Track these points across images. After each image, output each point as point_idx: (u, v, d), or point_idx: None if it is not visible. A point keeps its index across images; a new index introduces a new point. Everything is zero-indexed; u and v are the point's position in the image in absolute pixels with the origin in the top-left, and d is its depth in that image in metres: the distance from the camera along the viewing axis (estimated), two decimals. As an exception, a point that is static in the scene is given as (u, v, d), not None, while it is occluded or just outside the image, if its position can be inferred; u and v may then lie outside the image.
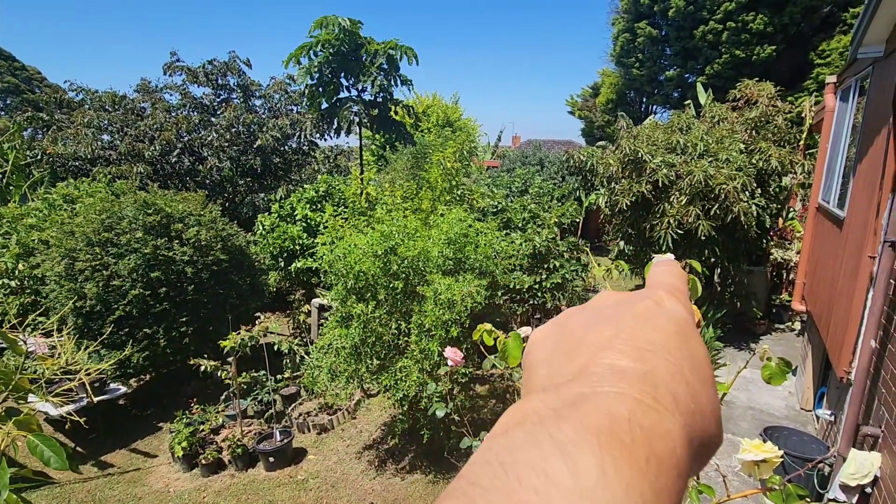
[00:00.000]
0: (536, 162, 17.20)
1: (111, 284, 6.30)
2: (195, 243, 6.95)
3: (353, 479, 5.43)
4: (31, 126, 12.92)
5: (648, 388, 0.24)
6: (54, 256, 6.35)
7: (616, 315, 0.30)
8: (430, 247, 5.10)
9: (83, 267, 6.25)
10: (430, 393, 2.35)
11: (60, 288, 6.25)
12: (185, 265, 6.80)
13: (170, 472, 5.81)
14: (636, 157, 7.66)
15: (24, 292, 6.95)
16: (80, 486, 5.55)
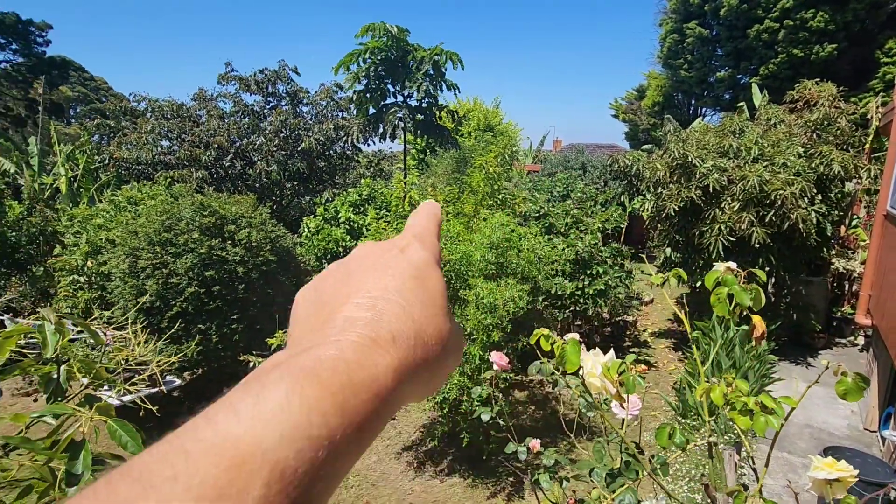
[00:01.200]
0: (578, 166, 16.92)
1: (169, 282, 6.65)
2: (246, 244, 7.24)
3: (393, 479, 5.49)
4: (98, 133, 13.86)
5: (368, 331, 0.29)
6: (119, 255, 6.77)
7: (365, 267, 0.35)
8: (472, 251, 5.10)
9: (145, 265, 6.63)
10: (475, 396, 2.35)
11: (124, 284, 6.65)
12: (237, 265, 7.08)
13: (219, 463, 6.05)
14: (685, 161, 7.41)
15: (92, 288, 7.44)
16: (137, 472, 5.87)
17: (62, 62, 26.50)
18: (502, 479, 5.28)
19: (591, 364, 0.99)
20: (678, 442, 1.04)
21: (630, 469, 1.91)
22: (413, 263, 0.35)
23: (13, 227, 9.44)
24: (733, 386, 1.02)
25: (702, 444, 1.12)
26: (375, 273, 0.34)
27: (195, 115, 12.23)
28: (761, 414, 0.98)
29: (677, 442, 1.04)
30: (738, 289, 1.06)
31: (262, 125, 12.17)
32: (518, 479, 5.26)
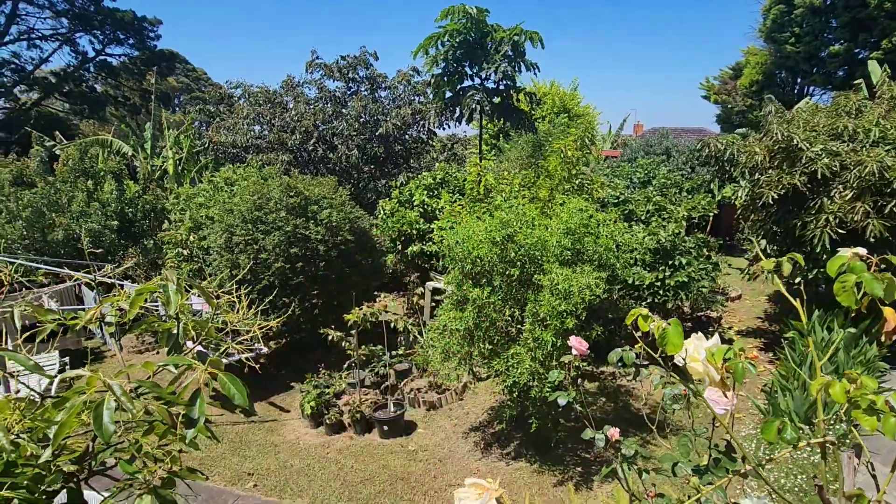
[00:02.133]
0: (662, 151, 15.91)
1: (259, 257, 7.16)
2: (327, 224, 7.60)
3: (460, 458, 5.60)
4: (199, 119, 15.11)
5: None
6: (217, 231, 7.39)
7: None
8: (547, 236, 5.00)
9: (239, 240, 7.19)
10: (551, 380, 2.31)
11: (221, 258, 7.26)
12: (319, 243, 7.47)
13: (300, 426, 6.49)
14: (789, 144, 6.71)
15: (193, 260, 8.19)
16: (230, 429, 6.45)
17: (170, 55, 29.06)
18: (570, 468, 5.21)
19: (693, 348, 0.94)
20: (788, 438, 0.96)
21: (719, 467, 1.81)
22: None
23: (130, 204, 10.60)
24: (858, 383, 0.92)
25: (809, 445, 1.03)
26: None
27: (283, 101, 12.94)
28: (892, 414, 0.88)
29: (787, 438, 0.96)
30: (869, 276, 0.95)
31: (344, 111, 12.63)
32: (586, 470, 5.16)
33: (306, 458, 5.73)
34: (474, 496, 0.54)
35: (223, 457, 5.81)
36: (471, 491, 0.54)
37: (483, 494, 0.54)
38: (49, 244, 10.14)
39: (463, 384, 7.10)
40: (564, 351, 4.59)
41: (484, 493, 0.54)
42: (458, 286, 5.16)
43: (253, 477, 5.43)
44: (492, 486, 0.53)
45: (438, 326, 5.33)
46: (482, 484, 0.54)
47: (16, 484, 1.43)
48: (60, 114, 25.68)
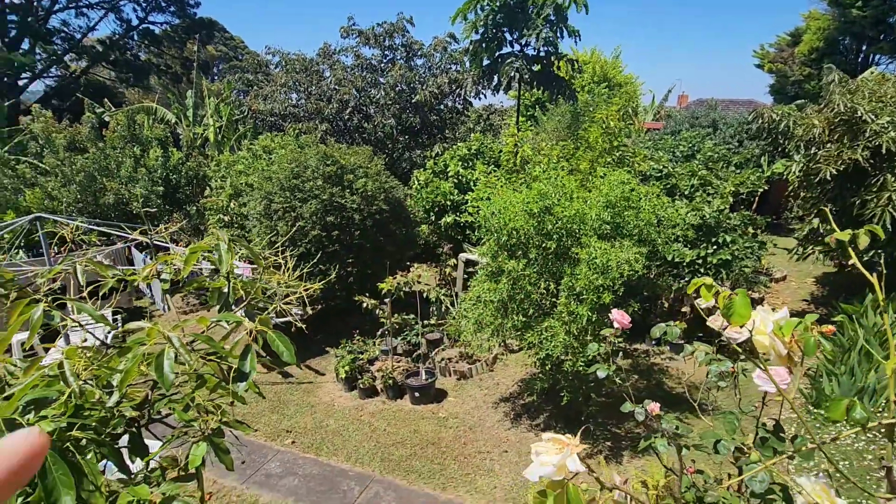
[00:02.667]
0: (708, 124, 15.15)
1: (297, 224, 7.30)
2: (363, 193, 7.65)
3: (490, 427, 5.69)
4: (237, 88, 15.29)
5: None
6: (256, 197, 7.56)
7: None
8: (586, 209, 4.88)
9: (277, 208, 7.34)
10: (590, 353, 2.29)
11: (260, 224, 7.45)
12: (354, 212, 7.55)
13: (335, 389, 6.73)
14: (852, 116, 6.25)
15: (233, 226, 8.44)
16: (269, 388, 6.75)
17: (209, 23, 29.33)
18: (599, 442, 5.22)
19: (760, 320, 0.89)
20: (858, 417, 0.91)
21: (767, 446, 1.76)
22: None
23: (174, 171, 10.94)
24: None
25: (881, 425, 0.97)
26: None
27: (320, 69, 12.92)
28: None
29: (857, 418, 0.91)
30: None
31: (381, 80, 12.53)
32: (616, 444, 5.16)
33: (341, 420, 5.95)
34: (553, 451, 0.53)
35: (263, 414, 6.10)
36: (549, 446, 0.53)
37: (563, 450, 0.53)
38: (101, 207, 10.63)
39: (494, 355, 7.16)
40: (600, 326, 4.54)
41: (564, 447, 0.53)
42: (493, 258, 5.13)
43: (291, 434, 5.69)
44: (572, 442, 0.52)
45: (472, 297, 5.34)
46: (561, 439, 0.53)
47: (85, 425, 1.53)
48: (107, 82, 26.50)
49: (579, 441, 0.54)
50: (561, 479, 0.54)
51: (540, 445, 0.55)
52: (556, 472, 0.53)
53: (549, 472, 0.53)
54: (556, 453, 0.54)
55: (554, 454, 0.53)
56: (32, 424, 1.38)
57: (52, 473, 1.34)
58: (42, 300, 1.39)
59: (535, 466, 0.55)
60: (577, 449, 0.53)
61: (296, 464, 5.13)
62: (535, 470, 0.54)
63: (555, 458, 0.53)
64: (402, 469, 4.99)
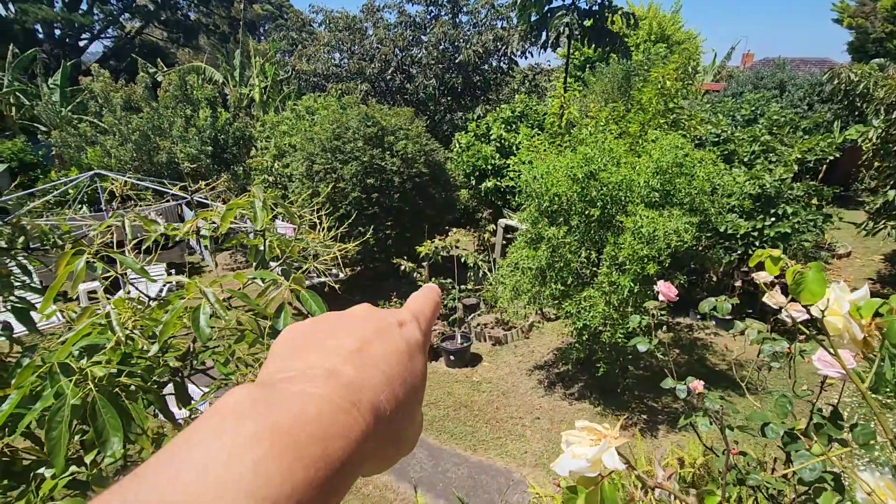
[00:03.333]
0: (774, 85, 13.98)
1: (337, 186, 7.36)
2: (403, 155, 7.59)
3: (523, 393, 5.72)
4: (282, 48, 15.30)
5: (351, 393, 0.28)
6: (299, 158, 7.65)
7: (362, 326, 0.34)
8: (634, 175, 4.64)
9: (319, 169, 7.41)
10: (633, 324, 2.18)
11: (302, 185, 7.56)
12: (394, 175, 7.52)
13: (372, 348, 6.91)
14: (947, 76, 5.56)
15: (277, 187, 8.62)
16: (310, 344, 7.02)
17: (254, -19, 29.29)
18: (635, 415, 5.15)
19: (835, 298, 0.78)
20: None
21: (822, 433, 1.64)
22: (407, 341, 0.35)
23: (222, 131, 11.20)
24: None
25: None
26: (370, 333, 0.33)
27: (363, 27, 12.70)
28: None
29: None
30: None
31: (424, 38, 12.19)
32: (652, 418, 5.08)
33: (377, 377, 6.13)
34: (587, 441, 0.47)
35: (304, 368, 6.37)
36: (582, 435, 0.48)
37: (600, 441, 0.47)
38: (155, 166, 11.09)
39: (530, 323, 7.12)
40: (642, 297, 4.39)
41: (601, 439, 0.47)
42: (533, 224, 5.01)
43: (330, 388, 5.92)
44: (611, 432, 0.46)
45: (510, 264, 5.27)
46: (597, 429, 0.47)
47: (132, 372, 1.61)
48: (160, 42, 27.18)
49: (619, 431, 0.48)
50: (596, 475, 0.48)
51: (572, 434, 0.49)
52: (591, 467, 0.47)
53: (581, 466, 0.47)
54: (590, 445, 0.48)
55: (588, 446, 0.48)
56: (84, 370, 1.45)
57: (101, 416, 1.41)
58: (86, 252, 1.42)
59: (565, 459, 0.48)
60: (616, 442, 0.47)
61: (334, 417, 5.35)
62: (566, 464, 0.48)
63: (589, 452, 0.47)
64: (434, 429, 5.11)
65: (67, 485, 1.53)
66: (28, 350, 1.88)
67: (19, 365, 1.67)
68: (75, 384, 1.35)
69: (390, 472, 4.47)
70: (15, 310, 1.88)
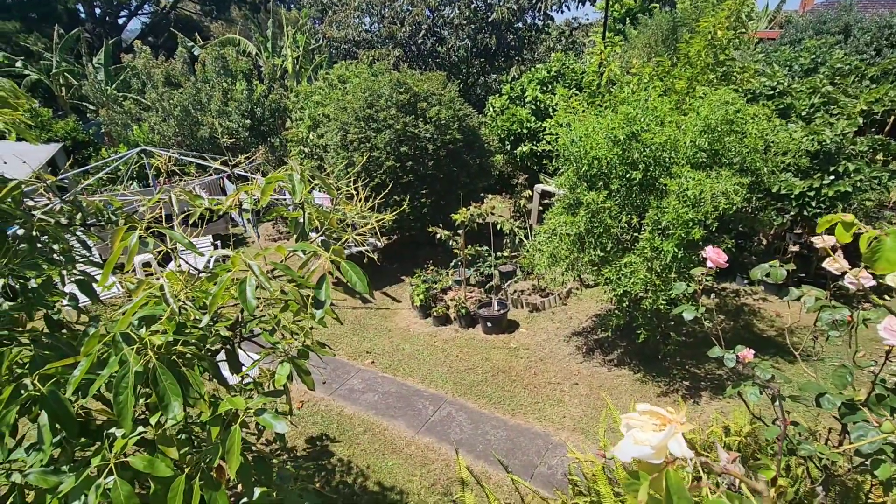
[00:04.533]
0: (838, 29, 12.79)
1: (372, 155, 7.36)
2: (436, 122, 7.47)
3: (560, 359, 5.72)
4: (312, 15, 15.13)
5: None
6: (333, 129, 7.66)
7: None
8: (679, 135, 4.41)
9: (352, 139, 7.41)
10: (678, 292, 2.12)
11: (337, 155, 7.60)
12: (427, 142, 7.44)
13: (410, 315, 7.03)
14: None
15: (313, 157, 8.70)
16: (350, 312, 7.20)
17: (282, -53, 28.87)
18: (676, 381, 5.07)
19: (916, 268, 0.71)
20: None
21: (884, 404, 1.56)
22: None
23: (258, 104, 11.32)
24: None
25: None
26: None
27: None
28: None
29: None
30: None
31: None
32: (694, 385, 4.99)
33: (416, 344, 6.26)
34: (650, 426, 0.45)
35: (346, 335, 6.57)
36: (644, 419, 0.45)
37: (665, 427, 0.45)
38: (197, 141, 11.39)
39: (568, 289, 7.05)
40: (686, 263, 4.24)
41: (666, 424, 0.45)
42: (571, 189, 4.87)
43: (371, 355, 6.10)
44: (676, 417, 0.44)
45: (547, 230, 5.18)
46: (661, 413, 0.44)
47: (187, 341, 1.69)
48: (193, 16, 27.43)
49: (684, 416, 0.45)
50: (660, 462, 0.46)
51: (632, 418, 0.47)
52: (655, 454, 0.45)
53: (645, 453, 0.45)
54: (653, 430, 0.45)
55: (651, 431, 0.45)
56: (144, 339, 1.54)
57: (162, 382, 1.49)
58: (137, 227, 1.48)
59: (626, 444, 0.46)
60: (682, 427, 0.44)
61: (375, 381, 5.54)
62: (628, 449, 0.46)
63: (654, 438, 0.45)
64: (473, 393, 5.21)
65: (137, 443, 1.65)
66: (93, 319, 2.01)
67: (86, 334, 1.78)
68: (136, 352, 1.43)
69: (431, 434, 4.62)
70: (78, 282, 1.99)
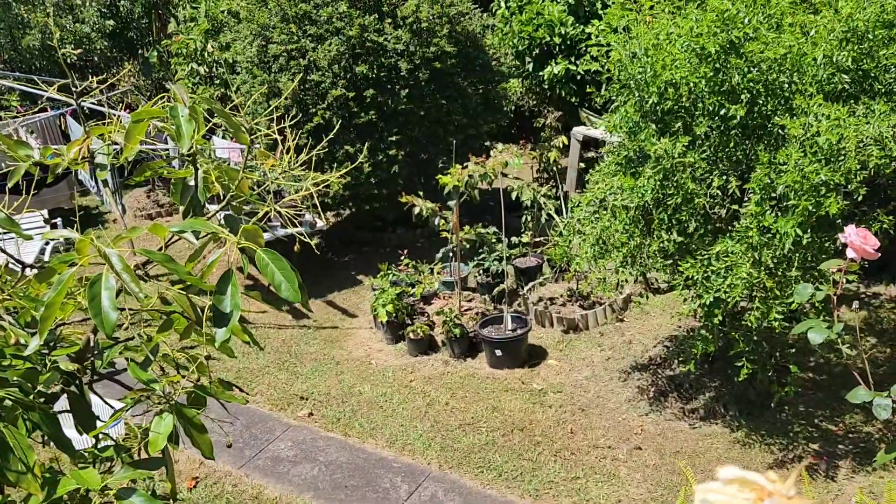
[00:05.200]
0: None
1: (308, 79, 7.32)
2: (413, 24, 7.44)
3: (613, 409, 5.77)
4: None
5: None
6: (246, 35, 7.59)
7: None
8: (806, 46, 4.45)
9: (277, 52, 7.36)
10: (799, 299, 2.15)
11: (252, 79, 7.55)
12: (399, 58, 7.41)
13: (371, 338, 7.06)
14: None
15: (213, 81, 8.63)
16: (275, 334, 7.21)
17: None
18: (798, 443, 5.17)
19: None
20: None
21: None
22: None
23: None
24: None
25: None
26: None
27: None
28: None
29: None
30: None
31: None
32: (828, 448, 5.08)
33: (381, 385, 6.29)
34: (740, 501, 0.46)
35: (267, 371, 6.57)
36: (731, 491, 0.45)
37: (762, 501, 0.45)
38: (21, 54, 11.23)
39: (625, 296, 7.11)
40: (815, 253, 4.29)
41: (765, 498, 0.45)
42: (632, 134, 4.90)
43: (308, 402, 6.12)
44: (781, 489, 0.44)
45: (591, 201, 5.20)
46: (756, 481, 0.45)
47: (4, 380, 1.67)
48: None
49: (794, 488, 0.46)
50: None
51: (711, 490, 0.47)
52: None
53: None
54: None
55: None
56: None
57: (-38, 446, 1.48)
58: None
59: None
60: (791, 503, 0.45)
61: (315, 445, 5.56)
62: None
63: None
64: (472, 464, 5.26)
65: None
66: None
67: None
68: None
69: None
70: None
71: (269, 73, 7.51)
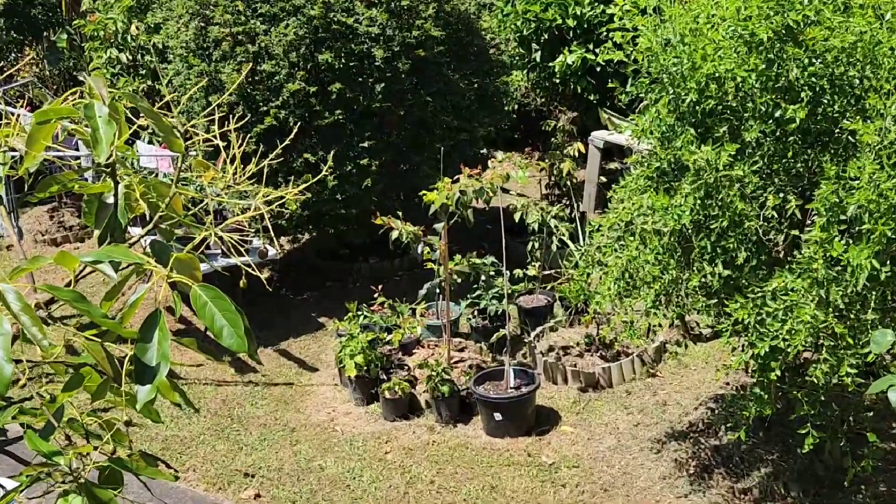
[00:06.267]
0: None
1: (259, 70, 7.35)
2: (391, 2, 7.51)
3: (644, 488, 5.76)
4: None
5: None
6: (180, 14, 7.63)
7: None
8: (881, 32, 4.52)
9: (220, 35, 7.39)
10: (881, 350, 2.17)
11: (188, 69, 7.57)
12: (373, 43, 7.46)
13: (336, 398, 7.02)
14: None
15: (139, 72, 8.66)
16: (212, 391, 7.17)
17: None
18: (878, 531, 5.16)
19: None
20: None
21: None
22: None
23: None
24: None
25: None
26: None
27: None
28: None
29: None
30: None
31: None
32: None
33: (347, 458, 6.24)
34: None
35: (203, 440, 6.51)
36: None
37: None
38: None
39: (658, 345, 7.12)
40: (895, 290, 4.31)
41: None
42: (665, 140, 4.94)
43: (253, 481, 6.06)
44: None
45: (615, 223, 5.22)
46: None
47: None
48: None
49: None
50: None
51: None
52: None
53: None
54: None
55: None
56: None
57: None
58: None
59: None
60: None
61: (264, 536, 5.49)
62: None
63: None
64: (466, 558, 5.21)
65: None
66: None
67: None
68: None
69: None
70: None
71: (210, 63, 7.54)
